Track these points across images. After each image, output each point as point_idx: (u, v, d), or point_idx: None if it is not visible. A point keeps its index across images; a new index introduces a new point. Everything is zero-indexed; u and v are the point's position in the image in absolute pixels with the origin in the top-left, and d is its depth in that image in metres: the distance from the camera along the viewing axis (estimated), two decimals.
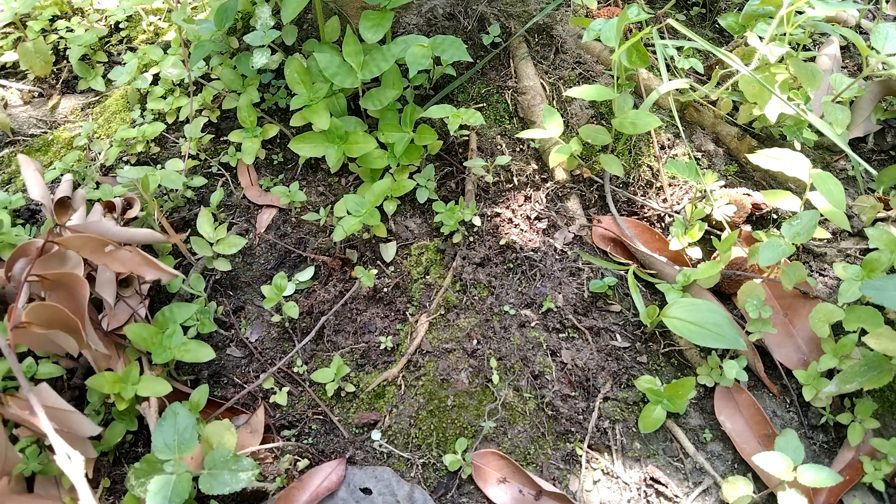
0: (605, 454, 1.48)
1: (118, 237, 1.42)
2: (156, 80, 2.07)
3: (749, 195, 1.77)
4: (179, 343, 1.45)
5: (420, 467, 1.44)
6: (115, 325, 1.52)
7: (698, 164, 1.90)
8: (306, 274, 1.69)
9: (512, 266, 1.72)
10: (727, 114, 1.94)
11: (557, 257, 1.74)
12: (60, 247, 1.37)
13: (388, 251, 1.76)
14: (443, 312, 1.65)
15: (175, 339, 1.44)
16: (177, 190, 1.85)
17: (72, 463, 1.09)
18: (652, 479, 1.44)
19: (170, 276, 1.45)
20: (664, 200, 1.86)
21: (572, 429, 1.49)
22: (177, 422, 1.25)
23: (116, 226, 1.56)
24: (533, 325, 1.62)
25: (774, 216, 1.82)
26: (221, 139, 2.00)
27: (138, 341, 1.42)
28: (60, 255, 1.38)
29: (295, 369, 1.59)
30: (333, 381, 1.53)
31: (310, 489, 1.37)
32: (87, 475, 1.41)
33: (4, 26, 2.28)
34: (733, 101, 1.92)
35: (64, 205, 1.69)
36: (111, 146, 1.95)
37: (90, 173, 1.90)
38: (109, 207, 1.72)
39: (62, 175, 1.88)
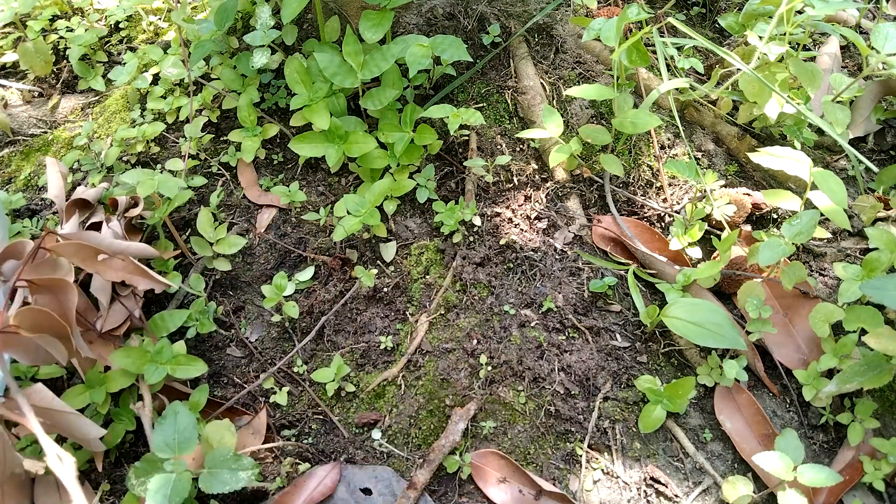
0: (605, 454, 1.48)
1: (111, 249, 1.38)
2: (156, 79, 2.07)
3: (749, 195, 1.77)
4: (170, 358, 1.43)
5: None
6: (111, 325, 1.52)
7: (698, 163, 1.90)
8: (306, 274, 1.69)
9: (512, 266, 1.72)
10: (727, 113, 1.94)
11: (557, 257, 1.74)
12: (52, 254, 1.34)
13: (388, 251, 1.76)
14: (443, 312, 1.65)
15: (165, 354, 1.43)
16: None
17: (63, 465, 1.07)
18: (652, 478, 1.44)
19: (162, 287, 1.42)
20: (664, 200, 1.86)
21: (572, 429, 1.49)
22: (177, 421, 1.25)
23: (110, 237, 1.52)
24: (533, 324, 1.62)
25: (774, 216, 1.81)
26: (221, 139, 2.00)
27: (127, 367, 1.39)
28: (52, 262, 1.34)
29: (295, 369, 1.59)
30: (333, 380, 1.53)
31: (304, 494, 1.37)
32: (87, 474, 1.41)
33: (4, 26, 2.28)
34: (733, 101, 1.92)
35: (77, 206, 1.69)
36: (111, 146, 1.95)
37: (93, 173, 1.91)
38: (112, 205, 1.72)
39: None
